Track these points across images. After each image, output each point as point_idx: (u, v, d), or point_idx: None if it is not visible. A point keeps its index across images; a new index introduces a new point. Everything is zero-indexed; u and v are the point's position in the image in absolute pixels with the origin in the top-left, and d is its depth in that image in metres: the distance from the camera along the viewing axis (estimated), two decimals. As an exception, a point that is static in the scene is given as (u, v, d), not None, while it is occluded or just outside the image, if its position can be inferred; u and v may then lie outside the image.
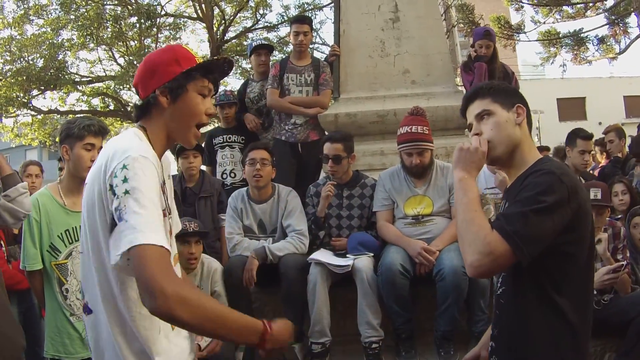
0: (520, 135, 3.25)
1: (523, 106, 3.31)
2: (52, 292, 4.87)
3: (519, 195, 2.97)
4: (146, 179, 2.56)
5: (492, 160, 3.30)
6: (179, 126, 2.93)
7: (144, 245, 2.40)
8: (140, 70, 2.97)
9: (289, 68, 8.55)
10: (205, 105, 2.95)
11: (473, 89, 3.48)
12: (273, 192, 6.86)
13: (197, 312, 2.41)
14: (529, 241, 2.83)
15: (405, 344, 6.04)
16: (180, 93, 2.86)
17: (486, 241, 2.86)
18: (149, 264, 2.38)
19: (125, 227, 2.44)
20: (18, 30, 25.46)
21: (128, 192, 2.49)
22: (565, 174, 2.94)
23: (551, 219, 2.85)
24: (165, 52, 2.97)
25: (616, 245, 6.38)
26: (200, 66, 2.91)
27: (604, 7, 24.66)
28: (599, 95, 48.49)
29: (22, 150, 50.73)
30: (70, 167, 4.83)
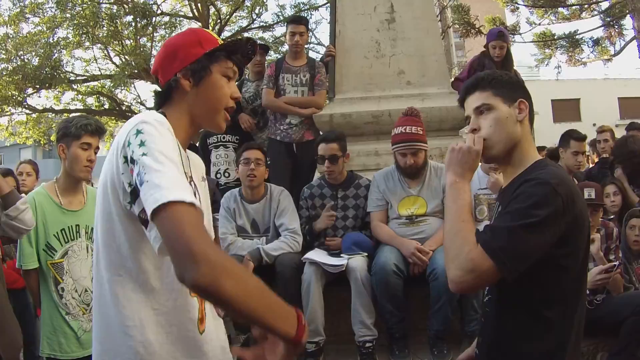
0: (520, 133, 3.05)
1: (526, 101, 3.10)
2: (48, 291, 4.86)
3: (510, 205, 2.80)
4: (164, 139, 2.33)
5: (489, 159, 3.14)
6: (205, 110, 2.74)
7: (173, 202, 2.07)
8: (160, 55, 2.81)
9: (285, 68, 8.57)
10: (230, 89, 2.77)
11: (473, 79, 3.24)
12: (265, 192, 6.89)
13: (242, 285, 2.04)
14: (515, 258, 2.68)
15: (398, 343, 6.06)
16: (203, 75, 2.68)
17: (469, 257, 2.73)
18: (183, 226, 2.03)
19: (148, 187, 2.15)
20: (14, 29, 25.43)
21: (145, 154, 2.24)
22: (561, 184, 2.74)
23: (542, 234, 2.68)
24: (187, 35, 2.81)
25: (609, 246, 6.41)
26: (223, 47, 2.75)
27: (599, 8, 24.73)
28: (594, 97, 48.54)
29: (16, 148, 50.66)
30: (67, 166, 4.82)
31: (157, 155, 2.24)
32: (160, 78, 2.78)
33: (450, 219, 2.97)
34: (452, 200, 3.01)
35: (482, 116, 3.11)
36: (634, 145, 8.43)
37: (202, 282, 1.98)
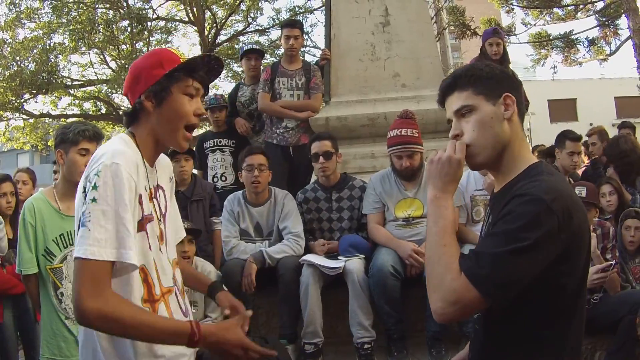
0: (509, 133, 2.70)
1: (512, 95, 2.72)
2: (48, 295, 4.87)
3: (498, 225, 2.51)
4: (115, 188, 2.53)
5: (476, 166, 2.84)
6: (166, 129, 2.85)
7: (86, 260, 2.44)
8: (127, 78, 2.93)
9: (280, 72, 8.59)
10: (192, 106, 2.86)
11: (451, 77, 2.90)
12: (270, 196, 6.90)
13: (114, 325, 2.47)
14: (502, 286, 2.43)
15: (397, 344, 6.09)
16: (164, 96, 2.79)
17: (452, 287, 2.47)
18: (79, 279, 2.44)
19: (84, 234, 2.48)
20: (10, 34, 25.41)
21: (95, 200, 2.50)
22: (557, 199, 2.42)
23: (533, 259, 2.40)
24: (149, 57, 2.91)
25: (605, 245, 6.44)
26: (182, 66, 2.82)
27: (595, 9, 24.74)
28: (590, 97, 48.51)
29: (13, 154, 50.70)
30: (65, 172, 4.84)
31: (104, 206, 2.50)
32: (129, 100, 2.90)
33: (431, 244, 2.69)
34: (433, 221, 2.71)
35: (464, 119, 2.77)
36: (624, 145, 8.48)
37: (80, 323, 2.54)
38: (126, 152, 2.68)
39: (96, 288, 2.43)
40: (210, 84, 3.06)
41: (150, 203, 2.80)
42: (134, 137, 2.85)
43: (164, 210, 3.03)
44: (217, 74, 3.03)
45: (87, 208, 2.49)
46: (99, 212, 2.47)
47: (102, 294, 2.44)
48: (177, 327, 2.63)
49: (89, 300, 2.40)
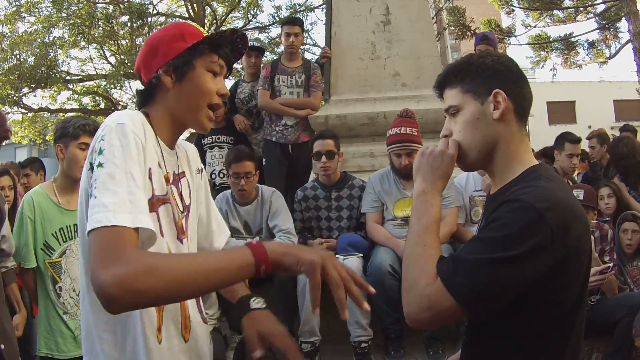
0: (499, 133, 2.51)
1: (504, 91, 2.49)
2: (46, 290, 4.88)
3: (484, 230, 2.36)
4: (121, 147, 2.19)
5: (466, 167, 2.70)
6: (187, 108, 2.56)
7: (94, 230, 2.00)
8: (142, 51, 2.64)
9: (280, 69, 8.60)
10: (216, 85, 2.58)
11: (443, 73, 2.71)
12: (257, 194, 6.89)
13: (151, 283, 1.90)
14: (480, 298, 2.23)
15: (394, 343, 6.10)
16: (186, 70, 2.50)
17: (425, 293, 2.29)
18: (92, 252, 1.99)
19: (92, 204, 2.06)
20: (9, 28, 25.41)
21: (102, 164, 2.13)
22: (552, 208, 2.20)
23: (519, 271, 2.19)
24: (169, 29, 2.64)
25: (603, 248, 6.44)
26: (207, 40, 2.55)
27: (595, 11, 24.76)
28: (589, 99, 48.55)
29: (11, 148, 50.50)
30: (65, 166, 4.83)
31: (112, 169, 2.13)
32: (142, 76, 2.64)
33: (411, 242, 2.51)
34: (417, 218, 2.56)
35: (453, 119, 2.64)
36: (624, 148, 8.48)
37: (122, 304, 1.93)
38: (132, 115, 2.37)
39: (108, 255, 1.94)
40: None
41: (167, 186, 2.50)
42: (148, 117, 2.53)
43: (188, 202, 2.70)
44: (240, 54, 2.77)
45: (94, 176, 2.13)
46: (106, 176, 2.10)
47: (117, 258, 1.93)
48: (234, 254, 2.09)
49: (104, 271, 1.89)
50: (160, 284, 1.92)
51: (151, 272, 1.91)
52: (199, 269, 2.01)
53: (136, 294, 1.88)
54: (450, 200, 6.48)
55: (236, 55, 2.73)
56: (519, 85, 2.58)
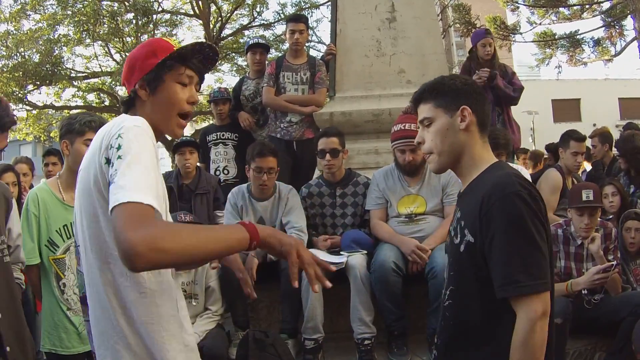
0: (465, 140, 3.09)
1: (470, 107, 3.08)
2: (50, 286, 4.90)
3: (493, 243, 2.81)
4: (138, 144, 2.48)
5: (437, 170, 3.25)
6: (160, 117, 2.88)
7: (125, 203, 2.24)
8: (124, 67, 3.00)
9: (285, 66, 8.60)
10: (185, 94, 2.90)
11: (420, 90, 3.29)
12: (274, 190, 6.86)
13: (172, 245, 2.20)
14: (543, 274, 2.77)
15: (397, 340, 6.08)
16: (157, 84, 2.84)
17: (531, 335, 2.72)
18: (120, 221, 2.21)
19: (114, 187, 2.33)
20: (14, 25, 25.45)
21: (120, 157, 2.42)
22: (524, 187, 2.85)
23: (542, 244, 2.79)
24: (144, 47, 2.98)
25: (607, 246, 6.41)
26: (174, 55, 2.87)
27: (601, 9, 24.71)
28: (594, 97, 48.52)
29: (16, 145, 50.57)
30: (70, 162, 4.85)
31: (130, 159, 2.40)
32: (127, 89, 2.96)
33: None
34: None
35: (426, 129, 3.19)
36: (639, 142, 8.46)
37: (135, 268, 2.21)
38: (143, 121, 2.68)
39: (135, 221, 2.21)
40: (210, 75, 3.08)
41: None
42: None
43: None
44: (213, 62, 3.09)
45: (114, 167, 2.40)
46: (124, 166, 2.38)
47: (144, 223, 2.21)
48: (230, 227, 2.61)
49: (132, 233, 2.15)
50: (181, 246, 2.23)
51: (175, 235, 2.23)
52: (210, 238, 2.38)
53: (160, 252, 2.17)
54: (454, 197, 6.44)
55: (209, 63, 3.07)
56: (481, 103, 3.16)
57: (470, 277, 2.96)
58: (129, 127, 2.53)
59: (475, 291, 2.94)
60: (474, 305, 2.96)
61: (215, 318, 6.21)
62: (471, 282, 2.96)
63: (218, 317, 6.27)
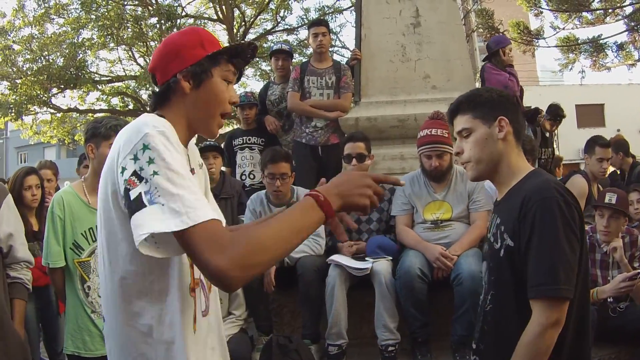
0: (503, 149, 3.23)
1: (507, 117, 3.23)
2: (74, 289, 4.92)
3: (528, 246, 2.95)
4: (171, 153, 2.32)
5: (475, 178, 3.37)
6: (202, 115, 2.69)
7: (190, 228, 2.16)
8: (159, 52, 2.74)
9: (310, 71, 8.61)
10: (229, 93, 2.72)
11: (456, 102, 3.43)
12: (292, 196, 6.85)
13: (262, 258, 2.19)
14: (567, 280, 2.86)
15: (421, 347, 6.06)
16: (204, 78, 2.63)
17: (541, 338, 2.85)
18: (199, 247, 2.15)
19: (162, 211, 2.19)
20: (39, 29, 25.63)
21: (157, 173, 2.25)
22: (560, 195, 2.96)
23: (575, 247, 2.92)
24: (189, 34, 2.75)
25: (633, 253, 6.38)
26: (226, 50, 2.70)
27: (624, 13, 24.55)
28: (618, 102, 48.22)
29: (40, 147, 51.07)
30: (95, 166, 4.87)
31: (169, 174, 2.27)
32: (158, 77, 2.73)
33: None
34: None
35: (465, 140, 3.31)
36: None
37: (230, 289, 2.26)
38: (163, 121, 2.50)
39: (213, 245, 2.15)
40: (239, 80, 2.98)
41: None
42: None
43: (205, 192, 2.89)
44: (247, 63, 2.95)
45: (152, 184, 2.24)
46: (166, 183, 2.24)
47: (223, 245, 2.16)
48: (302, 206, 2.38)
49: (218, 258, 2.12)
50: (269, 254, 2.22)
51: (260, 247, 2.19)
52: (292, 231, 2.30)
53: (253, 269, 2.18)
54: (481, 204, 6.44)
55: (244, 63, 2.87)
56: (516, 114, 3.32)
57: (510, 281, 3.04)
58: (153, 134, 2.34)
59: (514, 296, 3.04)
60: (514, 310, 3.05)
61: (238, 323, 6.22)
62: (511, 287, 3.05)
63: (241, 321, 6.29)
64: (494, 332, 3.20)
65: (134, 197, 2.25)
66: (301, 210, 2.36)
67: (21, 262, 4.80)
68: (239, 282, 2.18)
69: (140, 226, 2.20)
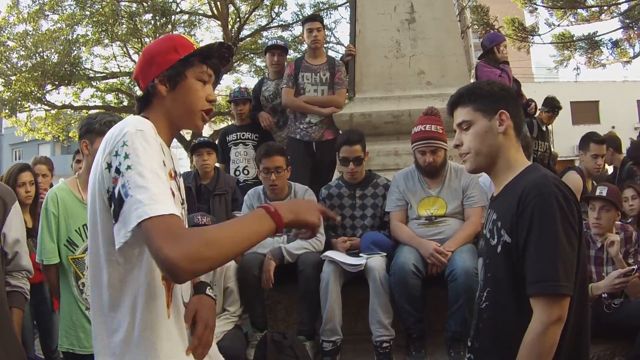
0: (502, 143, 3.21)
1: (507, 111, 3.21)
2: (68, 286, 4.90)
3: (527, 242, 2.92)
4: (145, 151, 2.51)
5: (473, 171, 3.35)
6: (181, 113, 2.90)
7: (151, 218, 2.32)
8: (139, 61, 2.98)
9: (304, 67, 8.59)
10: (205, 92, 2.91)
11: (457, 94, 3.41)
12: (289, 192, 6.86)
13: (210, 254, 2.32)
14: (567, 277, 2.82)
15: (415, 343, 6.05)
16: (179, 80, 2.84)
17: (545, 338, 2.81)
18: (154, 237, 2.30)
19: (132, 202, 2.38)
20: (33, 26, 25.57)
21: (130, 167, 2.45)
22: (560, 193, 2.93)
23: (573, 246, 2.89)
24: (163, 42, 2.96)
25: (627, 249, 6.38)
26: (197, 52, 2.88)
27: (619, 10, 24.56)
28: (613, 99, 48.35)
29: (35, 144, 51.01)
30: (90, 162, 4.82)
31: (140, 169, 2.45)
32: (140, 84, 2.93)
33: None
34: None
35: (464, 132, 3.29)
36: None
37: (177, 280, 2.44)
38: (144, 121, 2.71)
39: (167, 237, 2.29)
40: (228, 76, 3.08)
41: (171, 180, 2.72)
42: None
43: (183, 197, 3.04)
44: (227, 62, 3.09)
45: (124, 178, 2.44)
46: (137, 177, 2.42)
47: (176, 237, 2.31)
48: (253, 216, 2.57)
49: (169, 249, 2.25)
50: (218, 252, 2.34)
51: (210, 243, 2.32)
52: (242, 236, 2.45)
53: (201, 263, 2.29)
54: (475, 200, 6.44)
55: (223, 63, 3.07)
56: (517, 108, 3.31)
57: (507, 278, 3.01)
58: (132, 132, 2.55)
59: (511, 292, 3.01)
60: (511, 307, 3.02)
61: (233, 319, 6.22)
62: (508, 283, 3.01)
63: (236, 318, 6.29)
64: (490, 330, 3.16)
65: (117, 194, 2.46)
66: (252, 217, 2.55)
67: (23, 271, 4.77)
68: (186, 273, 2.28)
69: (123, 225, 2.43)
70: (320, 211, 2.74)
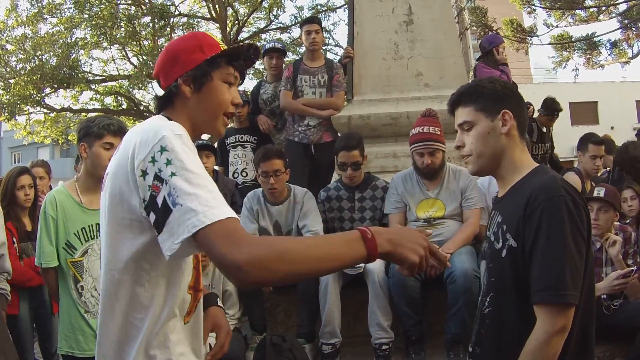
0: (506, 144, 3.09)
1: (511, 111, 3.09)
2: (67, 289, 4.88)
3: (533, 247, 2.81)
4: (188, 156, 2.32)
5: (475, 172, 3.26)
6: (205, 116, 2.73)
7: (207, 227, 2.13)
8: (161, 58, 2.80)
9: (302, 69, 8.58)
10: (231, 94, 2.74)
11: (458, 93, 3.29)
12: (289, 194, 6.83)
13: (280, 266, 2.12)
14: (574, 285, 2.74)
15: (415, 346, 6.05)
16: (204, 82, 2.67)
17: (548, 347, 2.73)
18: (217, 244, 2.12)
19: (183, 211, 2.19)
20: (32, 29, 25.63)
21: (174, 174, 2.26)
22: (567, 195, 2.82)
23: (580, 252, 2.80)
24: (188, 39, 2.79)
25: (627, 250, 6.38)
26: (225, 53, 2.72)
27: (617, 11, 24.55)
28: (611, 100, 48.31)
29: (34, 147, 50.89)
30: (88, 165, 4.83)
31: (187, 175, 2.26)
32: (161, 82, 2.79)
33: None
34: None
35: (466, 133, 3.18)
36: (634, 151, 8.39)
37: (245, 285, 2.32)
38: (180, 126, 2.51)
39: (233, 240, 2.13)
40: None
41: None
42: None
43: None
44: (252, 64, 2.98)
45: (169, 186, 2.24)
46: (184, 184, 2.24)
47: (243, 241, 2.14)
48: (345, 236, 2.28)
49: (237, 253, 2.09)
50: (289, 266, 2.13)
51: (282, 254, 2.12)
52: (321, 257, 2.20)
53: (266, 272, 2.10)
54: (474, 202, 6.44)
55: (248, 65, 2.91)
56: (521, 107, 3.18)
57: (512, 283, 2.93)
58: (170, 136, 2.36)
59: (516, 298, 2.92)
60: (514, 313, 2.95)
61: (232, 322, 6.20)
62: (513, 289, 2.93)
63: (235, 321, 6.29)
64: (492, 336, 3.07)
65: (161, 203, 2.27)
66: (342, 238, 2.29)
67: (4, 273, 4.79)
68: (252, 279, 2.11)
69: (170, 235, 2.23)
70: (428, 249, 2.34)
